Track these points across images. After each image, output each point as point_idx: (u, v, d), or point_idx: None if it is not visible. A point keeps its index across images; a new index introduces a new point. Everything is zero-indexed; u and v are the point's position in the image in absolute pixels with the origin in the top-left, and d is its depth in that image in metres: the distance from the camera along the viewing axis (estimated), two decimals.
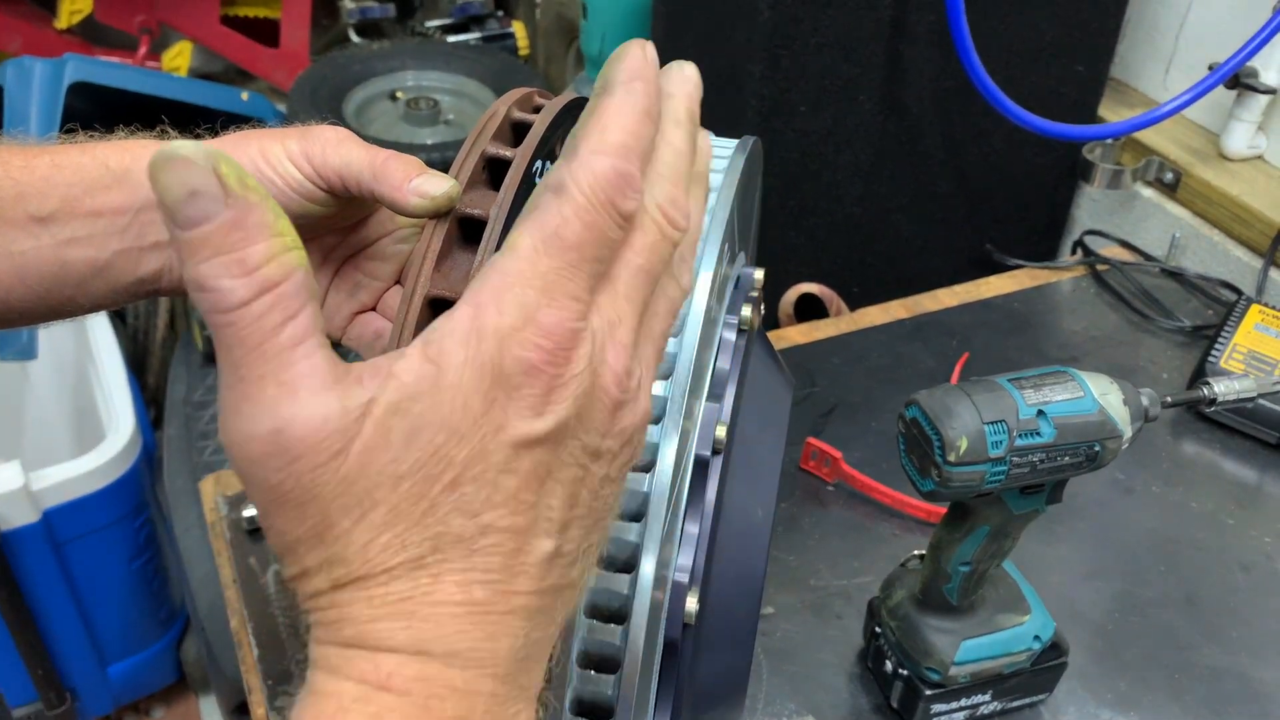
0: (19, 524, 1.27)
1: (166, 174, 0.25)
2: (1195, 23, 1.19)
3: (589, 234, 0.29)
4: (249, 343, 0.26)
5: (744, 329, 0.46)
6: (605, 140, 0.29)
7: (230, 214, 0.26)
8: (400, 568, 0.27)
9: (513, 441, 0.28)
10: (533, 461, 0.28)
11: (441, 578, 0.28)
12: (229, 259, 0.26)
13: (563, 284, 0.28)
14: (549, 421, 0.28)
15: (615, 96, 0.30)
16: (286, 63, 2.14)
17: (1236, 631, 0.78)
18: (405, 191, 0.42)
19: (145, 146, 0.48)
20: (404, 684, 0.27)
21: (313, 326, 0.27)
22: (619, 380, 0.30)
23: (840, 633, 0.77)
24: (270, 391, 0.26)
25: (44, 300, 0.47)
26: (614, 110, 0.30)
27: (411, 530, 0.27)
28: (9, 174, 0.46)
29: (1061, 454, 0.59)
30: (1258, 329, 0.97)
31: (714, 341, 0.44)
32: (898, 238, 1.22)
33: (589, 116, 0.30)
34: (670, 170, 0.32)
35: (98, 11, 2.03)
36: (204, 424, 1.50)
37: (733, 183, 0.45)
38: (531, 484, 0.29)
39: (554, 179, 0.29)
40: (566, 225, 0.28)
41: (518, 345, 0.27)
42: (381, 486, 0.27)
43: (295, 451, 0.26)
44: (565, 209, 0.28)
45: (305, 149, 0.45)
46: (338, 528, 0.27)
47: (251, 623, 0.77)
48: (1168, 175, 1.17)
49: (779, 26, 1.01)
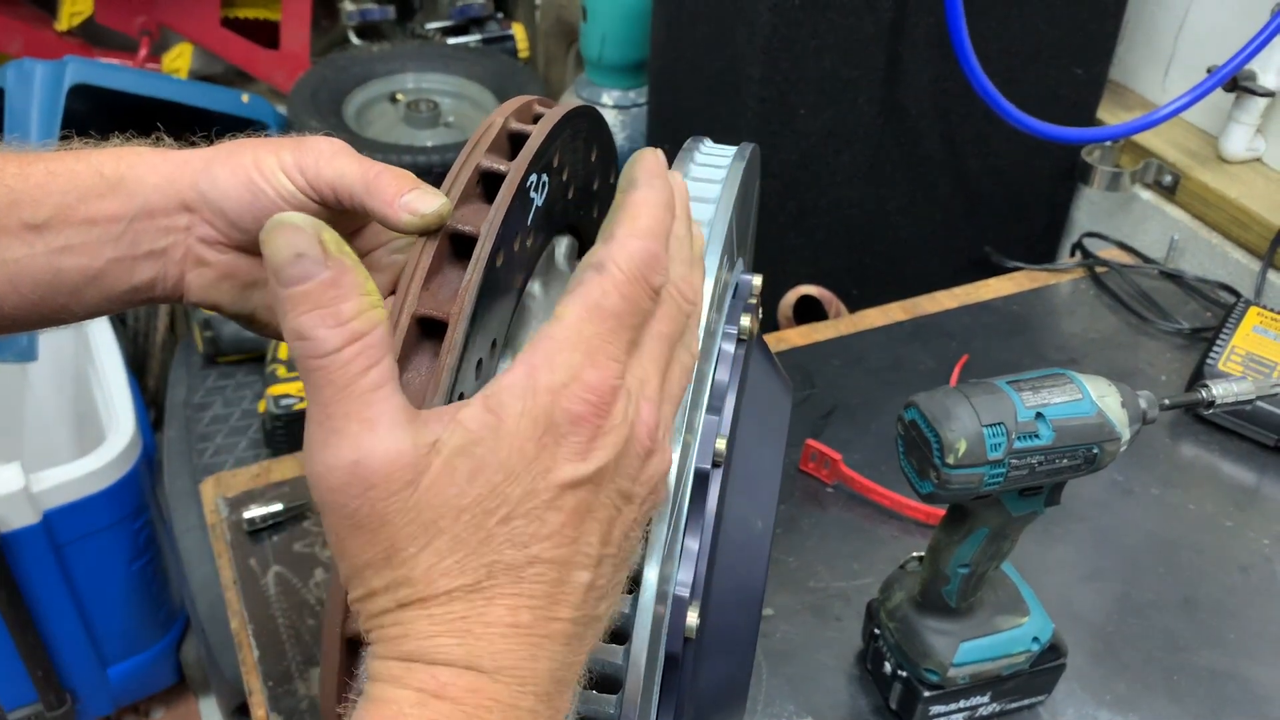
0: (19, 525, 1.27)
1: (277, 238, 0.30)
2: (1194, 25, 1.20)
3: (626, 305, 0.34)
4: (337, 384, 0.30)
5: (743, 338, 0.46)
6: (637, 226, 0.35)
7: (329, 274, 0.30)
8: (459, 590, 0.31)
9: (560, 482, 0.32)
10: (576, 500, 0.32)
11: (494, 601, 0.32)
12: (325, 312, 0.30)
13: (604, 348, 0.33)
14: (592, 465, 0.32)
15: (640, 191, 0.36)
16: (286, 65, 2.14)
17: (1235, 633, 0.78)
18: (396, 208, 0.42)
19: (139, 155, 0.48)
20: (457, 694, 0.31)
21: (391, 374, 0.32)
22: (650, 432, 0.34)
23: (839, 634, 0.77)
24: (354, 427, 0.30)
25: (37, 308, 0.47)
26: (642, 202, 0.35)
27: (470, 557, 0.31)
28: (3, 181, 0.46)
29: (1060, 456, 0.59)
30: (1256, 331, 0.97)
31: (713, 353, 0.45)
32: (897, 240, 1.23)
33: (620, 208, 0.36)
34: (682, 254, 0.37)
35: (98, 13, 2.03)
36: (204, 426, 1.50)
37: (731, 191, 0.45)
38: (574, 520, 0.33)
39: (595, 259, 0.34)
40: (607, 297, 0.33)
41: (566, 399, 0.32)
42: (445, 517, 0.31)
43: (372, 480, 0.30)
44: (606, 283, 0.34)
45: (299, 160, 0.45)
46: (405, 552, 0.31)
47: (252, 624, 0.77)
48: (1166, 178, 1.17)
49: (778, 29, 1.02)
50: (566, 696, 0.34)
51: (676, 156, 0.48)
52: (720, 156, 0.49)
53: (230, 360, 1.57)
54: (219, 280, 0.49)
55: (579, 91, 1.73)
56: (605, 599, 0.35)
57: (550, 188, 0.47)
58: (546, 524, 0.32)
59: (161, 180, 0.47)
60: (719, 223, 0.44)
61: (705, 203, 0.45)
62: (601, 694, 0.38)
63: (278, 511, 0.83)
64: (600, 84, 1.70)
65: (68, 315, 0.49)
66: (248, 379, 1.56)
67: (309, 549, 0.83)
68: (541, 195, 0.45)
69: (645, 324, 0.35)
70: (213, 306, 0.51)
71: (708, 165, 0.48)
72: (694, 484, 0.42)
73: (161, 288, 0.49)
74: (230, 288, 0.50)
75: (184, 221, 0.47)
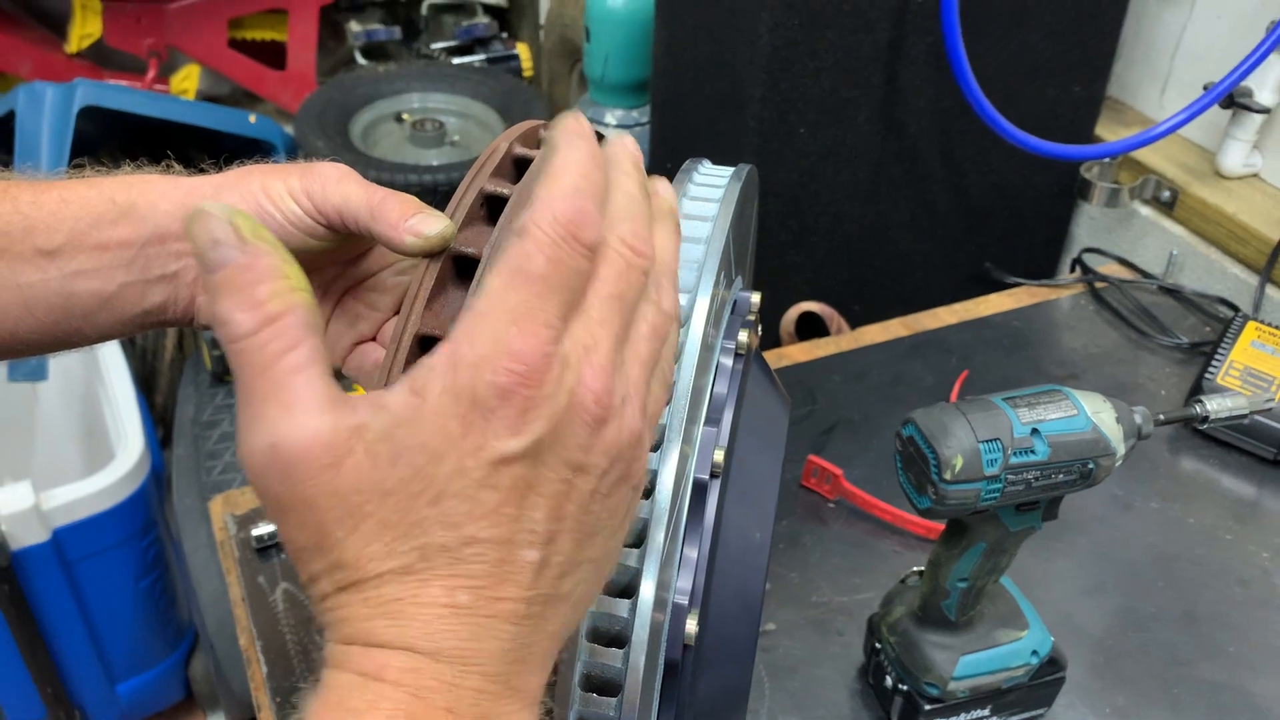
0: (29, 543, 1.28)
1: (195, 226, 0.30)
2: (1191, 42, 1.21)
3: (553, 266, 0.31)
4: (255, 367, 0.30)
5: (740, 353, 0.47)
6: (559, 185, 0.32)
7: (244, 259, 0.30)
8: (390, 574, 0.31)
9: (491, 460, 0.31)
10: (512, 477, 0.31)
11: (429, 583, 0.31)
12: (241, 296, 0.30)
13: (531, 313, 0.31)
14: (525, 439, 0.31)
15: (560, 152, 0.33)
16: (293, 85, 2.16)
17: (1234, 646, 0.78)
18: (401, 231, 0.44)
19: (150, 182, 0.49)
20: (395, 675, 0.30)
21: (313, 357, 0.30)
22: (598, 398, 0.32)
23: (841, 649, 0.77)
24: (271, 411, 0.30)
25: (51, 331, 0.48)
26: (561, 162, 0.33)
27: (399, 540, 0.30)
28: (18, 209, 0.47)
29: (1056, 471, 0.60)
30: (1254, 346, 0.98)
31: (711, 366, 0.45)
32: (898, 256, 1.24)
33: (539, 173, 0.33)
34: (628, 209, 0.34)
35: (107, 36, 2.06)
36: (212, 443, 1.51)
37: (727, 211, 0.46)
38: (513, 498, 0.31)
39: (517, 224, 0.32)
40: (530, 260, 0.31)
41: (490, 372, 0.30)
42: (370, 501, 0.30)
43: (290, 462, 0.30)
44: (528, 245, 0.31)
45: (306, 186, 0.47)
46: (332, 537, 0.30)
47: (260, 640, 0.78)
48: (1165, 193, 1.18)
49: (778, 50, 1.03)
50: (532, 678, 0.33)
51: (675, 177, 0.49)
52: (717, 177, 0.50)
53: None
54: None
55: (582, 110, 1.74)
56: (568, 575, 0.33)
57: None
58: (481, 503, 0.31)
59: (172, 206, 0.48)
60: (715, 241, 0.45)
61: (702, 221, 0.46)
62: (602, 697, 0.39)
63: None
64: (604, 103, 1.71)
65: (81, 339, 0.50)
66: None
67: None
68: None
69: (585, 286, 0.32)
70: None
71: (705, 185, 0.49)
72: (692, 494, 0.43)
73: (172, 311, 0.50)
74: None
75: None
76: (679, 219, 0.39)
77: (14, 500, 1.26)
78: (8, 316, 0.48)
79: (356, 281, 0.54)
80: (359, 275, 0.54)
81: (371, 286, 0.54)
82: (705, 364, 0.43)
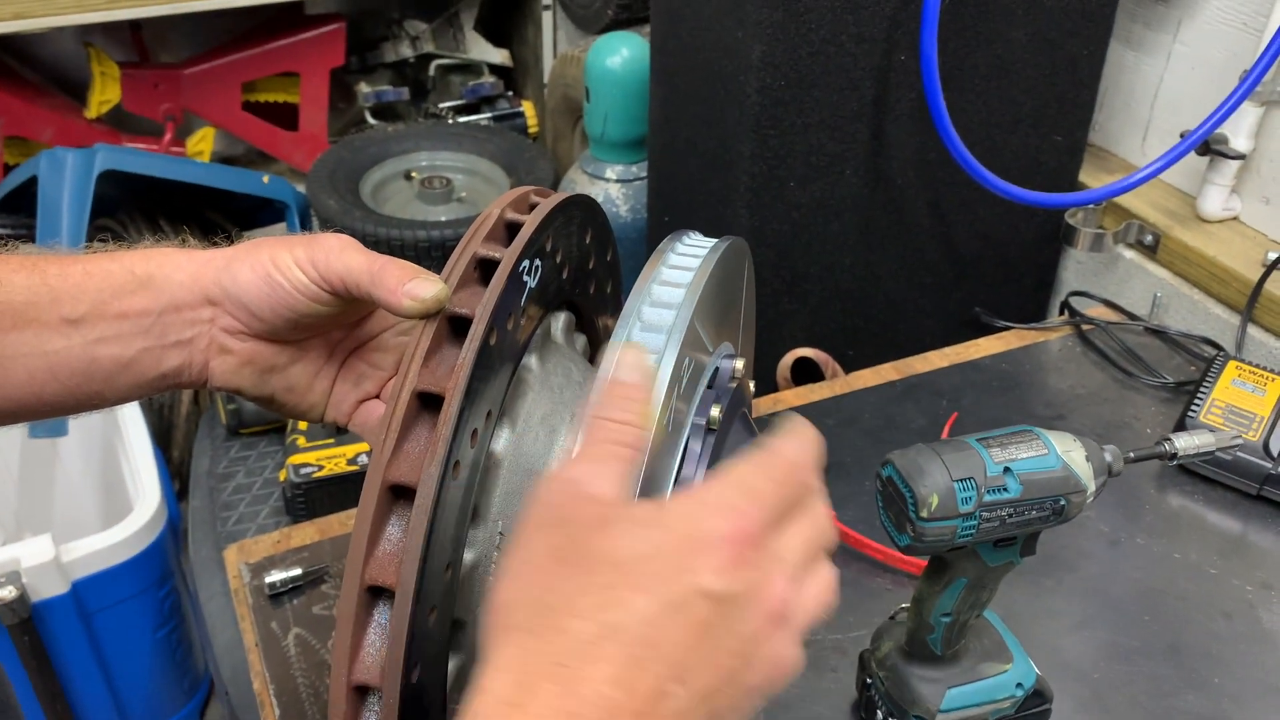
0: (49, 595, 1.31)
1: (632, 351, 0.42)
2: (1169, 91, 1.25)
3: (780, 486, 0.39)
4: (602, 440, 0.40)
5: (713, 428, 0.49)
6: (799, 442, 0.41)
7: (648, 385, 0.41)
8: (578, 631, 0.36)
9: (695, 586, 0.36)
10: (701, 613, 0.36)
11: (597, 662, 0.35)
12: (630, 401, 0.40)
13: (757, 498, 0.38)
14: (726, 584, 0.36)
15: (797, 433, 0.41)
16: (305, 145, 2.23)
17: (1219, 678, 0.80)
18: (399, 296, 0.47)
19: (167, 255, 0.53)
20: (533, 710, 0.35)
21: (636, 459, 0.40)
22: (780, 598, 0.38)
23: (835, 685, 0.80)
24: (591, 465, 0.39)
25: (73, 394, 0.52)
26: (795, 442, 0.41)
27: (597, 609, 0.36)
28: (45, 281, 0.51)
29: (1028, 508, 0.62)
30: (1235, 384, 1.00)
31: (679, 447, 0.47)
32: (889, 303, 1.27)
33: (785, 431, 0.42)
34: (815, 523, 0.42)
35: (125, 101, 2.13)
36: (227, 495, 1.55)
37: (701, 279, 0.49)
38: (692, 632, 0.36)
39: (763, 444, 0.41)
40: (771, 469, 0.39)
41: (718, 516, 0.37)
42: (603, 561, 0.37)
43: (574, 499, 0.38)
44: (773, 459, 0.40)
45: (311, 256, 0.51)
46: (564, 569, 0.37)
47: (273, 685, 0.81)
48: (1147, 237, 1.22)
49: (766, 108, 1.08)
50: None
51: (658, 248, 0.52)
52: (699, 248, 0.53)
53: (252, 431, 1.63)
54: (241, 366, 0.54)
55: (584, 166, 1.80)
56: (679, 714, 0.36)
57: (544, 270, 0.52)
58: (668, 619, 0.35)
59: (187, 278, 0.52)
60: (684, 309, 0.48)
61: (675, 287, 0.49)
62: None
63: (297, 576, 0.87)
64: (604, 159, 1.77)
65: (101, 401, 0.54)
66: (269, 449, 1.61)
67: (327, 611, 0.86)
68: (535, 278, 0.50)
69: (792, 515, 0.40)
70: (235, 390, 0.55)
71: (687, 255, 0.52)
72: None
73: (188, 374, 0.54)
74: (251, 373, 0.55)
75: (208, 314, 0.53)
76: None
77: (35, 553, 1.28)
78: (34, 380, 0.51)
79: (361, 342, 0.58)
80: (363, 336, 0.58)
81: (375, 347, 0.58)
82: (674, 445, 0.46)
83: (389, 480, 0.44)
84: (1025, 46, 1.16)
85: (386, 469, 0.44)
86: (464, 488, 0.45)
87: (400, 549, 0.44)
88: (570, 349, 0.59)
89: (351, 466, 1.44)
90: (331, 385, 0.58)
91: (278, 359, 0.55)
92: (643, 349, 0.46)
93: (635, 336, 0.47)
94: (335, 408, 0.58)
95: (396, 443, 0.44)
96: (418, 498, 0.43)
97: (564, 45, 2.17)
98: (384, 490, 0.44)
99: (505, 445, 0.50)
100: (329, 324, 0.55)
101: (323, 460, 1.44)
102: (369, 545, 0.44)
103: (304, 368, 0.57)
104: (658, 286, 0.49)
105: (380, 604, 0.45)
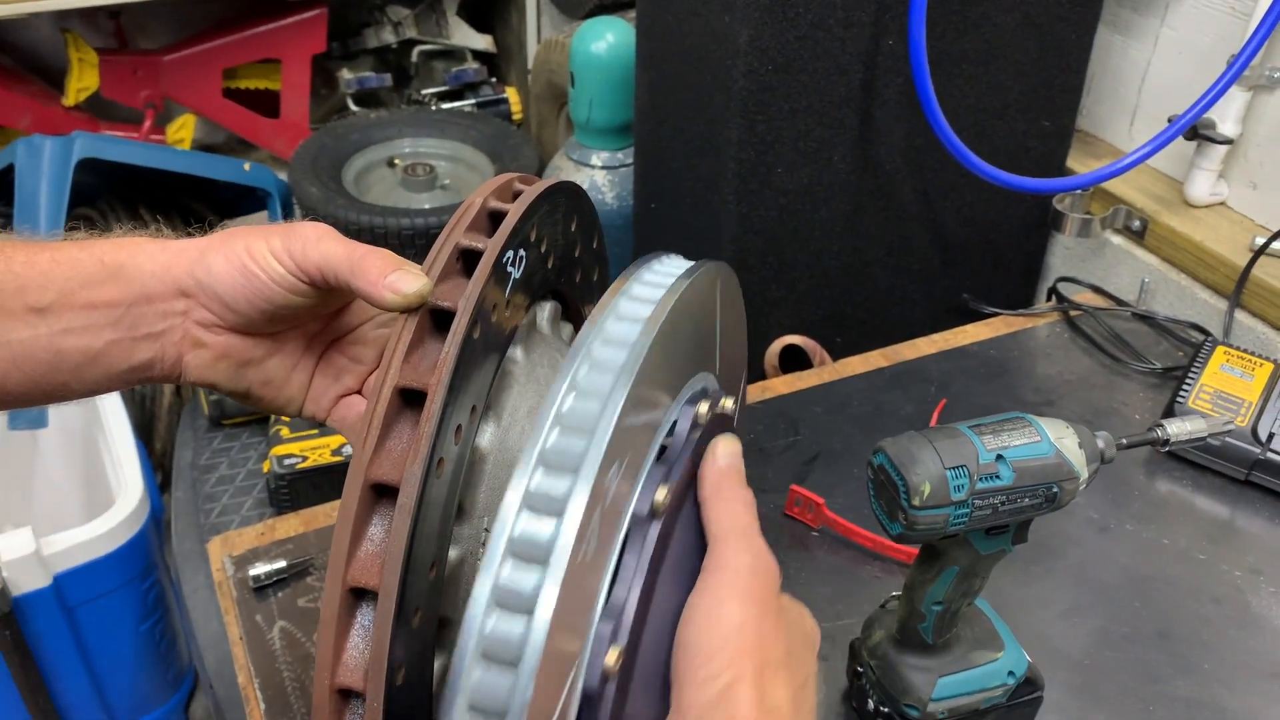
0: (30, 589, 1.30)
1: (727, 441, 0.49)
2: (1156, 76, 1.25)
3: (766, 585, 0.47)
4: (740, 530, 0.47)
5: (657, 514, 0.43)
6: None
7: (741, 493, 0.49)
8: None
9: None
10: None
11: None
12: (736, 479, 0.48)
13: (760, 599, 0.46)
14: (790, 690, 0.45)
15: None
16: (287, 132, 2.20)
17: (1209, 663, 0.80)
18: (381, 288, 0.46)
19: (138, 245, 0.51)
20: None
21: None
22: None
23: (825, 674, 0.79)
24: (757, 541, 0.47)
25: (39, 385, 0.51)
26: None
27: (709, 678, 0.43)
28: (11, 268, 0.49)
29: (1021, 496, 0.62)
30: (1223, 369, 1.00)
31: (610, 556, 0.42)
32: (877, 289, 1.27)
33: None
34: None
35: (104, 88, 2.10)
36: (210, 486, 1.53)
37: (660, 314, 0.44)
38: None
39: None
40: (756, 572, 0.47)
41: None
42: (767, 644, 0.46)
43: (771, 575, 0.48)
44: (753, 562, 0.47)
45: (287, 245, 0.49)
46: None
47: (258, 679, 0.80)
48: (1135, 223, 1.22)
49: (753, 94, 1.07)
50: None
51: (625, 269, 0.48)
52: (666, 277, 0.48)
53: (235, 422, 1.61)
54: (215, 360, 0.53)
55: (569, 153, 1.78)
56: None
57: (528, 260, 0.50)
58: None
59: (158, 268, 0.51)
60: (636, 350, 0.42)
61: (633, 322, 0.44)
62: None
63: (282, 568, 0.86)
64: (589, 145, 1.75)
65: (69, 393, 0.52)
66: (252, 440, 1.60)
67: (312, 604, 0.86)
68: (519, 268, 0.49)
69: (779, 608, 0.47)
70: (210, 385, 0.54)
71: (652, 285, 0.47)
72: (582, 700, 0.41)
73: (160, 368, 0.52)
74: (226, 367, 0.54)
75: (181, 306, 0.51)
76: None
77: (15, 546, 1.27)
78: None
79: (339, 335, 0.57)
80: (341, 329, 0.56)
81: (354, 340, 0.57)
82: (607, 538, 0.41)
83: (371, 479, 0.43)
84: (1013, 31, 1.15)
85: (368, 468, 0.43)
86: (448, 485, 0.44)
87: (383, 550, 0.43)
88: (556, 339, 0.58)
89: (336, 458, 1.43)
90: (310, 379, 0.57)
91: (254, 352, 0.54)
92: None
93: (582, 380, 0.42)
94: (314, 402, 0.57)
95: (378, 441, 0.43)
96: (400, 497, 0.42)
97: (548, 30, 2.16)
98: (366, 489, 0.43)
99: (490, 440, 0.49)
100: (306, 316, 0.54)
101: (306, 451, 1.43)
102: (351, 546, 0.43)
103: (281, 361, 0.55)
104: (613, 322, 0.45)
105: (363, 605, 0.44)
